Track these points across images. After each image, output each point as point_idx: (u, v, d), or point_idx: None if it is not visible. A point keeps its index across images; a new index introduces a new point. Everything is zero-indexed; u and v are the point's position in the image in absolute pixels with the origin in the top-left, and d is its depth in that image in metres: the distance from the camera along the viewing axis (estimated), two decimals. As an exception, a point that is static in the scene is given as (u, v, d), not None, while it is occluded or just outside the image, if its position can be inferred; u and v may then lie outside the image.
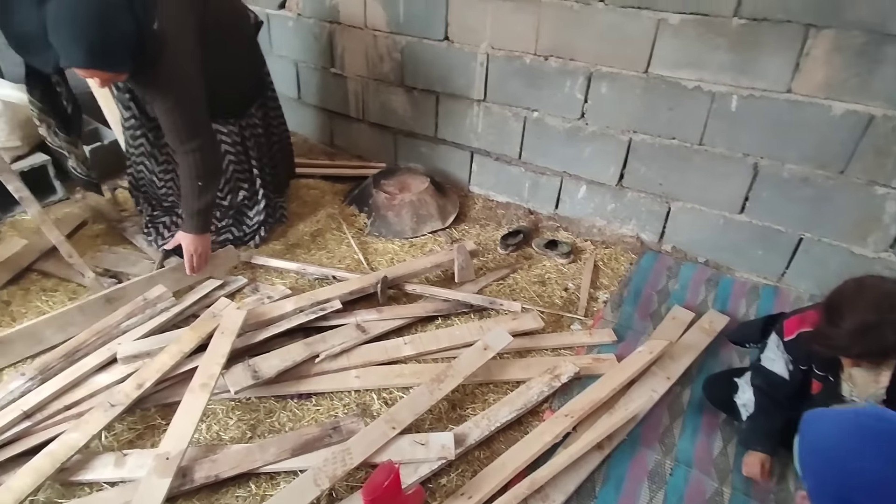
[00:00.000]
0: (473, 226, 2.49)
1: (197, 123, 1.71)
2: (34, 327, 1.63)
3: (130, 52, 1.47)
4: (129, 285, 1.81)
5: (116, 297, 1.77)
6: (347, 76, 2.82)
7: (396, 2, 2.46)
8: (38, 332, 1.63)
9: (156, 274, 1.88)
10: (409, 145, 2.80)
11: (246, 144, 2.11)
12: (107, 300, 1.76)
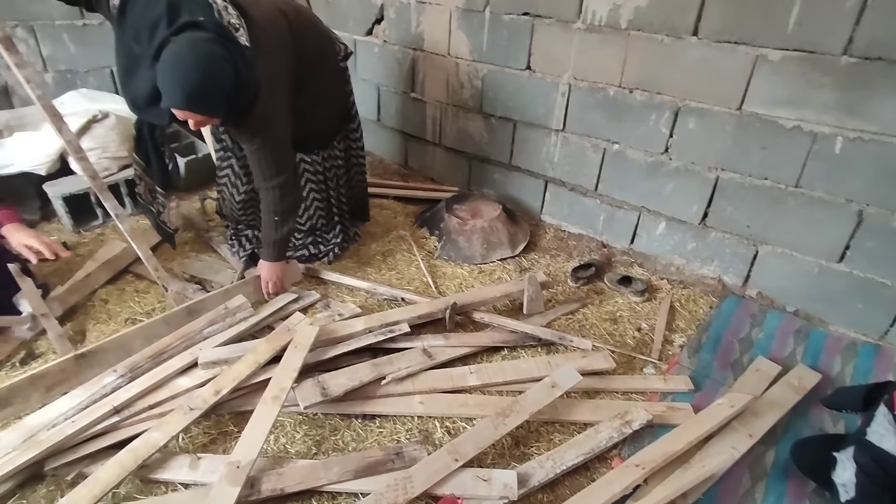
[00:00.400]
0: (543, 255, 2.45)
1: (280, 163, 1.81)
2: (124, 338, 1.72)
3: (226, 102, 1.58)
4: (207, 298, 1.90)
5: (197, 310, 1.87)
6: (427, 101, 2.89)
7: (481, 32, 2.50)
8: (127, 343, 1.72)
9: (231, 287, 1.97)
10: (483, 171, 2.81)
11: (326, 175, 2.20)
12: (188, 312, 1.85)
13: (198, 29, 1.51)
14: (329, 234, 2.32)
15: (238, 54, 1.58)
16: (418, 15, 2.71)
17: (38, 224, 2.43)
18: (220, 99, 1.55)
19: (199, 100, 1.52)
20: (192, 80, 1.48)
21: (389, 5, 2.82)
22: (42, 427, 1.44)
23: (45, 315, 1.71)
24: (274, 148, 1.79)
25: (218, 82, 1.52)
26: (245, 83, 1.61)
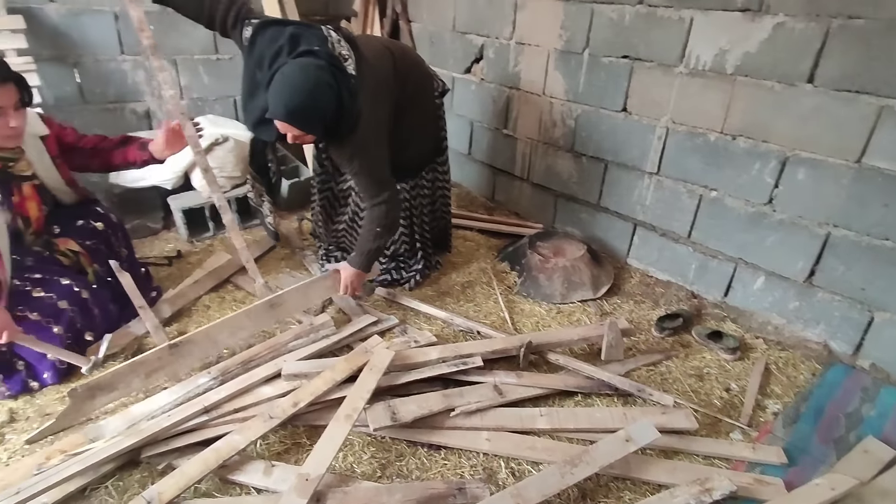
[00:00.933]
0: (627, 301, 2.37)
1: (382, 182, 1.92)
2: (210, 330, 1.84)
3: (323, 122, 1.72)
4: (286, 293, 1.98)
5: (278, 303, 1.96)
6: (518, 137, 2.93)
7: (578, 73, 2.51)
8: (213, 335, 1.84)
9: (311, 282, 2.07)
10: (570, 209, 2.79)
11: (412, 202, 2.29)
12: (270, 305, 1.95)
13: (312, 56, 1.68)
14: (411, 260, 2.39)
15: (344, 83, 1.72)
16: (516, 55, 2.78)
17: (160, 232, 2.72)
18: (318, 118, 1.70)
19: (299, 115, 1.67)
20: (296, 98, 1.63)
21: (489, 46, 2.92)
22: (143, 417, 1.59)
23: (143, 307, 1.88)
24: (374, 170, 1.90)
25: (319, 104, 1.67)
26: (347, 110, 1.74)
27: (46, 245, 1.89)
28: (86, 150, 1.96)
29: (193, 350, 1.80)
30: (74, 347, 1.81)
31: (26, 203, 1.80)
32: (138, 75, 2.85)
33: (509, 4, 2.72)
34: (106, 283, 1.99)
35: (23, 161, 1.76)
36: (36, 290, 1.76)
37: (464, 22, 3.01)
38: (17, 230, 1.80)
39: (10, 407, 1.68)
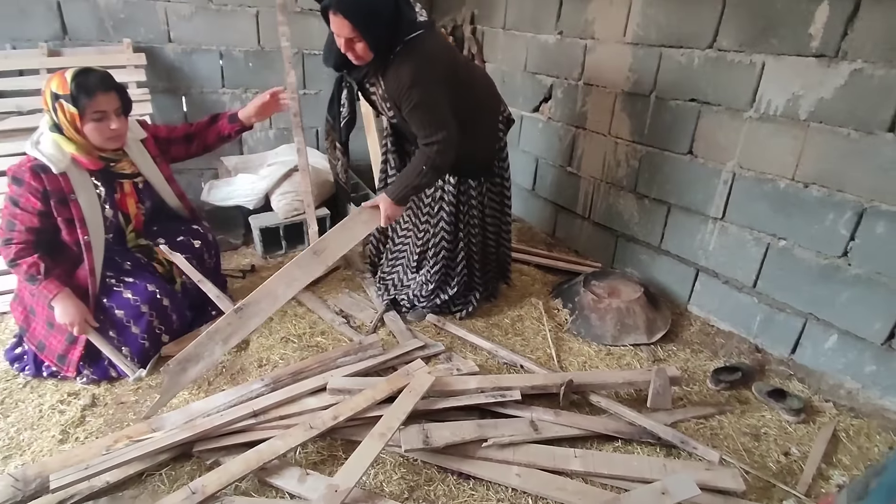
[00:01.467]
0: (684, 349, 2.27)
1: (438, 122, 1.91)
2: (268, 286, 1.92)
3: (377, 24, 1.74)
4: (328, 236, 2.02)
5: (321, 248, 2.00)
6: (582, 176, 2.93)
7: (644, 114, 2.50)
8: (272, 290, 1.92)
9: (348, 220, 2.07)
10: (630, 250, 2.73)
11: (460, 208, 2.25)
12: (314, 252, 1.99)
13: None
14: (466, 290, 2.42)
15: (406, 5, 1.83)
16: (584, 96, 2.82)
17: (239, 248, 2.97)
18: (372, 13, 1.72)
19: (352, 4, 1.70)
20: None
21: (558, 86, 2.97)
22: (200, 414, 1.74)
23: (202, 281, 2.06)
24: (429, 107, 1.89)
25: (379, 10, 1.74)
26: (405, 21, 1.80)
27: (147, 252, 2.13)
28: (179, 139, 2.20)
29: (257, 310, 1.90)
30: (150, 347, 2.02)
31: (126, 199, 2.03)
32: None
33: (579, 48, 2.77)
34: (188, 292, 2.21)
35: (123, 161, 2.00)
36: (126, 291, 1.98)
37: (535, 63, 3.10)
38: (119, 227, 2.05)
39: (93, 392, 1.89)
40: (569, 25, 2.81)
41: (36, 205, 1.81)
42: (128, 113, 1.93)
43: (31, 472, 1.52)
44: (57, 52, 2.62)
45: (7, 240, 1.80)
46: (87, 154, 1.86)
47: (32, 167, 1.78)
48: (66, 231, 1.87)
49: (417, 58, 1.85)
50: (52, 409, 1.81)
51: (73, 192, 1.83)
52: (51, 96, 1.76)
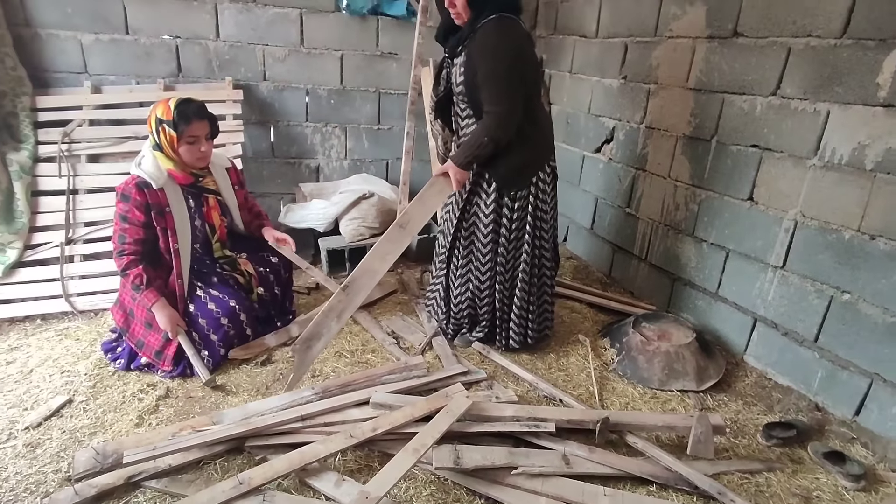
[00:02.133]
0: (736, 400, 2.18)
1: (502, 97, 1.99)
2: (365, 263, 2.09)
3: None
4: (409, 210, 2.16)
5: (405, 222, 2.14)
6: (640, 217, 2.93)
7: (704, 158, 2.49)
8: (369, 266, 2.09)
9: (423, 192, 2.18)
10: (685, 295, 2.68)
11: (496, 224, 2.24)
12: (400, 226, 2.13)
13: None
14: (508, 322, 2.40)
15: None
16: (645, 139, 2.84)
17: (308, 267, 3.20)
18: None
19: None
20: None
21: (620, 128, 3.02)
22: (255, 413, 1.90)
23: (309, 267, 2.33)
24: (501, 80, 1.98)
25: None
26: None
27: (231, 263, 2.38)
28: (243, 199, 2.47)
29: (359, 286, 2.08)
30: (225, 354, 2.26)
31: (211, 212, 2.30)
32: (315, 138, 3.47)
33: (643, 92, 2.82)
34: (262, 303, 2.43)
35: (209, 178, 2.28)
36: (210, 302, 2.23)
37: (598, 106, 3.17)
38: (206, 237, 2.31)
39: (167, 386, 2.12)
40: (633, 70, 2.88)
41: (140, 217, 2.09)
42: (215, 137, 2.21)
43: (109, 448, 1.73)
44: (171, 87, 3.03)
45: (119, 251, 2.10)
46: (180, 170, 2.15)
47: (137, 184, 2.07)
48: (162, 239, 2.14)
49: (508, 30, 2.00)
50: (132, 397, 2.05)
51: (168, 205, 2.12)
52: (155, 121, 2.07)
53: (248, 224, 2.51)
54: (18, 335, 2.42)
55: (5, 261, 2.51)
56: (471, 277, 2.33)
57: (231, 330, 2.26)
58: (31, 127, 2.68)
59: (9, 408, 1.97)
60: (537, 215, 2.24)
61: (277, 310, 2.57)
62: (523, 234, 2.24)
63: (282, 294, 2.57)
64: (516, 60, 2.03)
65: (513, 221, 2.22)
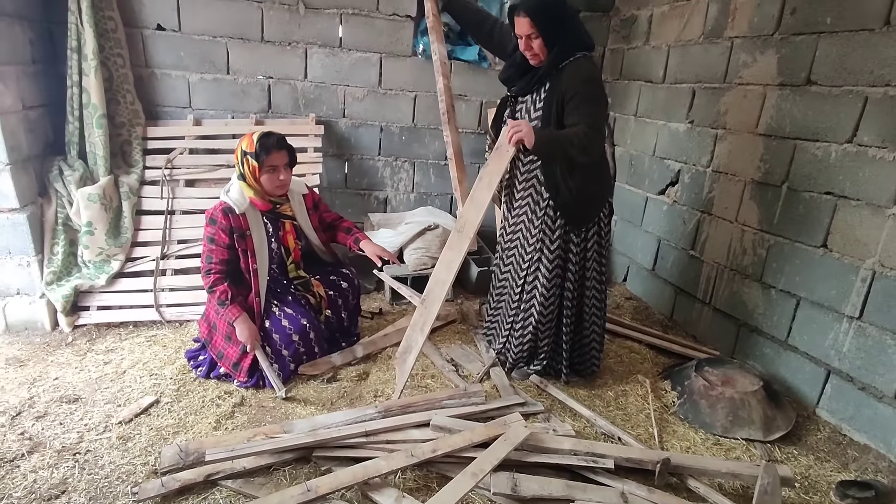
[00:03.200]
0: (807, 454, 2.09)
1: (593, 116, 2.06)
2: (436, 274, 2.24)
3: (555, 27, 2.04)
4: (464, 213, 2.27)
5: (461, 226, 2.27)
6: (704, 260, 2.90)
7: (774, 204, 2.47)
8: (438, 276, 2.25)
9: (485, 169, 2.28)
10: (752, 342, 2.61)
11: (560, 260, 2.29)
12: (458, 230, 2.26)
13: None
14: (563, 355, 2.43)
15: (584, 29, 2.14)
16: (711, 182, 2.85)
17: (371, 292, 3.35)
18: (548, 15, 2.02)
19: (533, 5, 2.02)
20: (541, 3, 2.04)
21: (685, 171, 3.04)
22: (322, 426, 2.00)
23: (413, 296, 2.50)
24: (597, 104, 2.09)
25: (557, 4, 2.05)
26: (580, 31, 2.10)
27: (305, 284, 2.55)
28: (324, 219, 2.63)
29: (434, 296, 2.22)
30: (295, 369, 2.41)
31: (287, 236, 2.47)
32: (386, 171, 3.67)
33: (709, 136, 2.84)
34: (329, 325, 2.58)
35: (286, 205, 2.45)
36: (284, 319, 2.39)
37: (664, 149, 3.20)
38: (282, 259, 2.48)
39: (243, 395, 2.27)
40: (700, 115, 2.91)
41: (225, 240, 2.29)
42: (293, 166, 2.39)
43: (192, 446, 1.87)
44: (261, 121, 3.32)
45: (207, 270, 2.30)
46: (260, 198, 2.34)
47: (223, 209, 2.27)
48: (242, 260, 2.33)
49: (595, 68, 2.17)
50: (211, 402, 2.21)
51: (249, 229, 2.31)
52: (240, 153, 2.28)
53: (326, 240, 2.65)
54: (114, 339, 2.67)
55: (109, 271, 2.79)
56: (533, 312, 2.37)
57: (301, 347, 2.40)
58: (140, 153, 3.01)
59: (105, 403, 2.17)
60: (600, 251, 2.31)
61: (343, 332, 2.70)
62: (588, 268, 2.30)
63: (348, 318, 2.71)
64: (605, 93, 2.16)
65: (578, 255, 2.27)
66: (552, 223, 2.26)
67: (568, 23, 2.08)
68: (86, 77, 2.75)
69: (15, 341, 2.60)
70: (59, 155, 2.84)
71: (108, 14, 2.85)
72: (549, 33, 2.05)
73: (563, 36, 2.06)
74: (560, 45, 2.07)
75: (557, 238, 2.26)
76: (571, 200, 2.19)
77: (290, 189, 2.44)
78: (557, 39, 2.07)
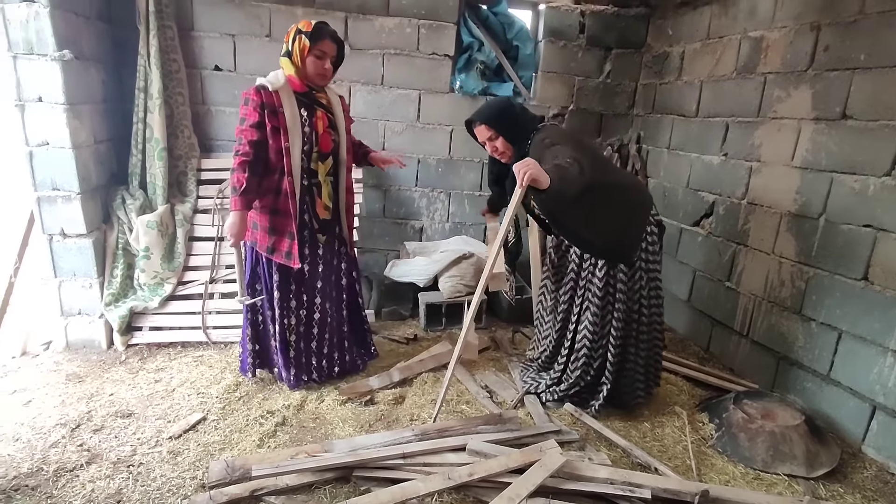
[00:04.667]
0: (853, 493, 2.04)
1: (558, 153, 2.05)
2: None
3: (508, 120, 2.27)
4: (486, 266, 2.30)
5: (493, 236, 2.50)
6: (741, 292, 2.89)
7: (812, 236, 2.47)
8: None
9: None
10: (792, 375, 2.57)
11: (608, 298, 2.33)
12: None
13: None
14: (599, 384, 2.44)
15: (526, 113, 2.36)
16: (746, 214, 2.85)
17: (407, 319, 3.43)
18: (499, 116, 2.27)
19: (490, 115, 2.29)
20: (490, 105, 2.36)
21: (720, 203, 3.05)
22: (361, 447, 2.06)
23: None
24: (563, 146, 2.10)
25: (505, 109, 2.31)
26: (528, 119, 2.32)
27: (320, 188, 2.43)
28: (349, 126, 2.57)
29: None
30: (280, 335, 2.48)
31: (318, 121, 2.38)
32: (422, 202, 3.79)
33: (744, 169, 2.87)
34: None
35: (322, 94, 2.40)
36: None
37: (697, 180, 3.23)
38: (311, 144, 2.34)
39: (284, 415, 2.35)
40: (734, 148, 2.94)
41: (255, 117, 2.21)
42: (339, 64, 2.40)
43: (238, 462, 1.96)
44: (305, 154, 3.50)
45: (236, 151, 2.27)
46: (299, 78, 2.29)
47: (256, 87, 2.26)
48: (273, 140, 2.24)
49: (549, 130, 2.29)
50: (254, 421, 2.29)
51: (281, 106, 2.24)
52: (295, 31, 2.27)
53: (352, 153, 2.61)
54: (164, 358, 2.80)
55: (162, 293, 2.95)
56: (586, 343, 2.38)
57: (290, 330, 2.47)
58: (195, 184, 3.21)
59: (156, 419, 2.28)
60: (650, 280, 2.34)
61: (357, 340, 2.77)
62: (638, 296, 2.32)
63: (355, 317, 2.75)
64: (570, 140, 2.24)
65: (626, 284, 2.29)
66: (597, 259, 2.33)
67: (519, 117, 2.31)
68: (150, 114, 2.98)
69: (74, 358, 2.77)
70: (122, 185, 3.05)
71: (173, 57, 3.10)
72: (505, 129, 2.28)
73: (516, 127, 2.29)
74: (519, 137, 2.28)
75: (604, 273, 2.30)
76: (603, 247, 2.28)
77: (328, 86, 2.44)
78: (514, 132, 2.28)
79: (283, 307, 2.41)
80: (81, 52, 2.73)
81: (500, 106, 2.35)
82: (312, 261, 2.44)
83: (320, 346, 2.56)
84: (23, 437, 2.13)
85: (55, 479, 1.91)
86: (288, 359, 2.47)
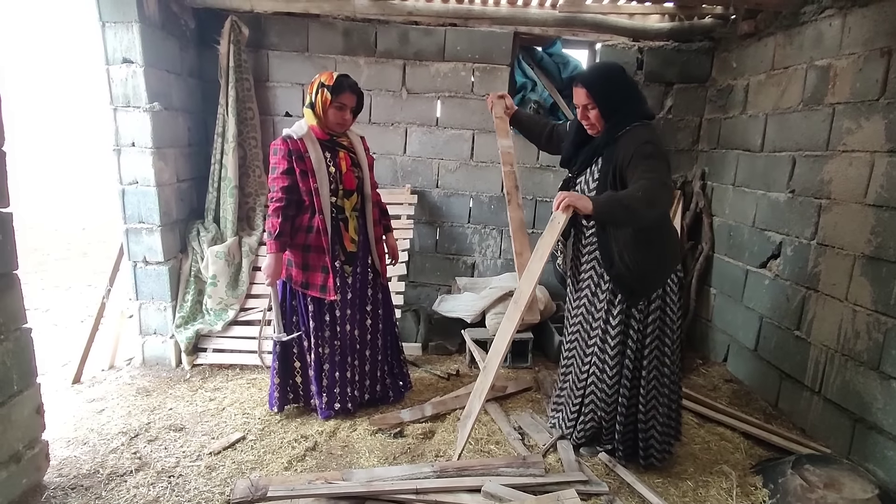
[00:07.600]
0: (936, 588, 1.72)
1: (658, 171, 1.96)
2: (494, 345, 2.26)
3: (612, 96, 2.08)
4: (521, 283, 2.22)
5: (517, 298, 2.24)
6: (812, 342, 2.60)
7: (889, 282, 2.19)
8: (495, 347, 2.25)
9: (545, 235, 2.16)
10: (871, 441, 2.25)
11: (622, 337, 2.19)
12: (514, 302, 2.24)
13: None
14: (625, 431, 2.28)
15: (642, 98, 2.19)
16: (816, 256, 2.59)
17: (453, 354, 3.44)
18: (604, 86, 2.09)
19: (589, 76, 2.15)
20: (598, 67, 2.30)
21: (788, 244, 2.80)
22: (378, 478, 2.09)
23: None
24: (659, 162, 1.99)
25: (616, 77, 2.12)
26: (638, 104, 2.12)
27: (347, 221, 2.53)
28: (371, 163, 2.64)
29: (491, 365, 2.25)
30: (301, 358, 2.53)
31: (341, 161, 2.49)
32: (474, 238, 3.84)
33: (813, 206, 2.62)
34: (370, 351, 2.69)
35: (343, 138, 2.52)
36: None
37: (763, 219, 3.00)
38: (337, 185, 2.45)
39: (316, 440, 2.44)
40: (802, 184, 2.71)
41: (284, 164, 2.36)
42: (358, 113, 2.52)
43: (262, 482, 2.05)
44: (363, 191, 3.70)
45: (270, 199, 2.45)
46: (321, 128, 2.43)
47: (283, 137, 2.41)
48: (302, 183, 2.38)
49: (653, 133, 2.09)
50: (288, 444, 2.40)
51: (307, 151, 2.40)
52: (318, 84, 2.42)
53: (376, 188, 2.70)
54: (222, 379, 3.03)
55: (226, 318, 3.21)
56: (595, 390, 2.28)
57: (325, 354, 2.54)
58: (261, 218, 3.50)
59: (202, 435, 2.46)
60: (664, 328, 2.18)
61: (392, 370, 2.80)
62: (646, 346, 2.17)
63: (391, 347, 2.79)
64: (665, 153, 2.09)
65: (638, 332, 2.17)
66: (614, 299, 2.19)
67: (625, 94, 2.11)
68: (226, 156, 3.33)
69: (147, 374, 3.07)
70: (199, 218, 3.40)
71: (249, 105, 3.45)
72: (605, 104, 2.09)
73: (619, 107, 2.09)
74: (616, 117, 2.09)
75: (619, 313, 2.17)
76: (627, 274, 2.12)
77: (349, 130, 2.56)
78: (613, 111, 2.09)
79: (318, 337, 2.53)
80: (171, 103, 3.13)
81: (609, 74, 2.13)
82: (342, 291, 2.55)
83: (352, 376, 2.64)
84: (90, 442, 2.39)
85: (107, 482, 2.12)
86: (321, 387, 2.57)
